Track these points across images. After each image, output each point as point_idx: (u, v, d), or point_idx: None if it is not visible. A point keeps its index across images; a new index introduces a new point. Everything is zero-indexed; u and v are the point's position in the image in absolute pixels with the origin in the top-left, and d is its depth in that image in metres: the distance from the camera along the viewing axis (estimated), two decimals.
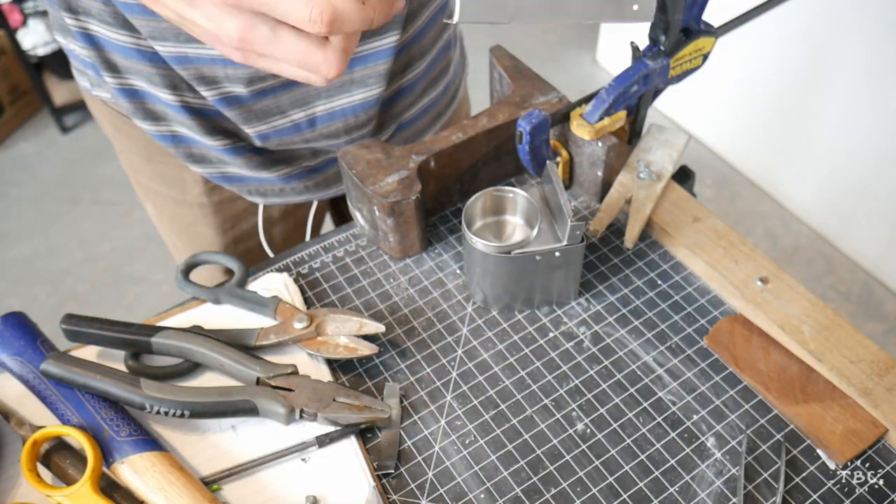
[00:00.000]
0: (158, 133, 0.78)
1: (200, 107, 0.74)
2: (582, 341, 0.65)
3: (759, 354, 0.62)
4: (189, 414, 0.57)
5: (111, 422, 0.56)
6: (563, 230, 0.62)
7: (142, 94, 0.75)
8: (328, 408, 0.58)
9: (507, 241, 0.66)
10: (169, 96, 0.73)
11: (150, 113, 0.76)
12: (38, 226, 2.15)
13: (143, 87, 0.74)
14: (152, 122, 0.77)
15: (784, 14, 0.98)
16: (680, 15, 0.65)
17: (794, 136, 1.94)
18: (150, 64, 0.70)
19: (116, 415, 0.57)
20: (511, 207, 0.67)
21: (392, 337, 0.66)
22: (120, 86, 0.74)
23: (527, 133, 0.67)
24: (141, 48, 0.69)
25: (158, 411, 0.57)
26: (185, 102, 0.73)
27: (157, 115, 0.76)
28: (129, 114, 0.77)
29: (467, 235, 0.63)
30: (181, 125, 0.76)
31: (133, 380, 0.57)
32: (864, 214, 1.85)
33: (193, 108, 0.74)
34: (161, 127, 0.77)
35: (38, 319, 0.64)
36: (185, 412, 0.57)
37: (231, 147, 0.78)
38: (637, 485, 0.57)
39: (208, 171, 0.82)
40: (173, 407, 0.56)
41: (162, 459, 0.55)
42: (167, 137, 0.78)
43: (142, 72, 0.71)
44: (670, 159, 0.73)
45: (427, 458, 0.58)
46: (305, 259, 0.72)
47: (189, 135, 0.77)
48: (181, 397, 0.57)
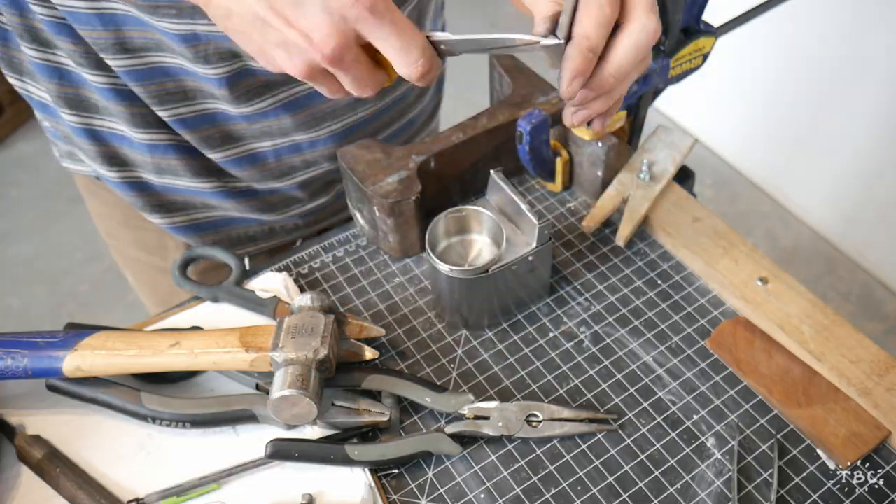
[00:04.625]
0: (122, 181, 0.75)
1: (187, 144, 0.72)
2: (582, 341, 0.65)
3: (762, 357, 0.62)
4: (191, 425, 0.58)
5: (41, 336, 0.59)
6: (530, 234, 0.62)
7: (108, 135, 0.72)
8: (327, 412, 0.58)
9: (476, 259, 0.65)
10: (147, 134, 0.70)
11: (116, 158, 0.73)
12: (38, 226, 2.15)
13: (116, 129, 0.71)
14: (118, 169, 0.74)
15: (784, 14, 0.98)
16: (680, 15, 0.65)
17: (794, 136, 1.93)
18: (128, 103, 0.68)
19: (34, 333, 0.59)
20: (471, 225, 0.66)
21: (392, 337, 0.66)
22: (82, 126, 0.71)
23: (527, 133, 0.67)
24: (116, 87, 0.67)
25: (160, 423, 0.58)
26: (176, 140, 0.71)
27: (123, 159, 0.74)
28: (91, 158, 0.74)
29: (439, 265, 0.61)
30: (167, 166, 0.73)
31: (135, 393, 0.59)
32: (863, 214, 1.85)
33: (183, 146, 0.72)
34: (126, 173, 0.74)
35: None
36: (186, 423, 0.58)
37: (221, 190, 0.76)
38: (637, 485, 0.57)
39: (192, 219, 0.79)
40: (175, 419, 0.58)
41: (104, 334, 0.59)
42: (132, 185, 0.75)
43: (122, 113, 0.69)
44: (673, 161, 0.73)
45: (427, 458, 0.58)
46: (305, 259, 0.72)
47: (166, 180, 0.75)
48: (182, 409, 0.58)
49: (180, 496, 0.56)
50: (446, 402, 0.59)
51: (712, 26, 0.70)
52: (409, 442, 0.57)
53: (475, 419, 0.59)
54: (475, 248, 0.66)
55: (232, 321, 0.66)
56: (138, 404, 0.58)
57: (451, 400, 0.59)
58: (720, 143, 2.17)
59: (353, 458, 0.56)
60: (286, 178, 0.78)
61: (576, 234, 0.73)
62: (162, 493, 0.56)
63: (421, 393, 0.59)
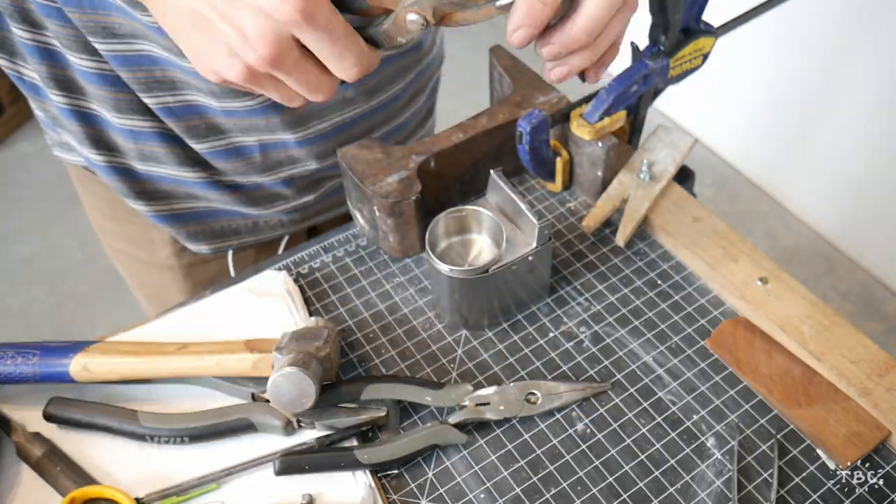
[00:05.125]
0: (108, 165, 0.74)
1: (171, 132, 0.72)
2: (582, 341, 0.65)
3: (762, 357, 0.62)
4: (189, 440, 0.58)
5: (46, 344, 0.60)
6: (530, 234, 0.62)
7: (95, 118, 0.72)
8: (325, 413, 0.58)
9: (476, 259, 0.65)
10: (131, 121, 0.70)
11: (103, 141, 0.73)
12: (38, 226, 2.15)
13: (99, 112, 0.71)
14: (104, 153, 0.73)
15: (784, 14, 0.98)
16: (680, 15, 0.65)
17: (793, 136, 1.94)
18: (114, 88, 0.68)
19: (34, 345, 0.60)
20: (471, 225, 0.66)
21: (392, 337, 0.66)
22: (70, 107, 0.71)
23: (527, 133, 0.67)
24: (103, 72, 0.67)
25: (159, 440, 0.58)
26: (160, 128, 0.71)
27: (109, 143, 0.73)
28: (79, 142, 0.73)
29: (439, 265, 0.61)
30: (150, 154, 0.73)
31: (131, 413, 0.59)
32: (863, 214, 1.85)
33: (167, 134, 0.72)
34: (111, 157, 0.74)
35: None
36: (185, 438, 0.58)
37: (205, 181, 0.76)
38: (637, 485, 0.57)
39: (174, 208, 0.78)
40: (173, 434, 0.58)
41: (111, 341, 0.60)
42: (117, 171, 0.75)
43: (106, 98, 0.69)
44: (673, 161, 0.73)
45: (427, 457, 0.58)
46: (305, 259, 0.72)
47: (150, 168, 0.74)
48: (179, 424, 0.58)
49: (180, 496, 0.56)
50: (446, 397, 0.59)
51: (712, 26, 0.70)
52: (416, 438, 0.57)
53: (477, 407, 0.59)
54: (475, 248, 0.66)
55: (232, 321, 0.66)
56: (136, 424, 0.58)
57: (451, 394, 0.60)
58: (720, 143, 2.17)
59: (363, 462, 0.56)
60: (271, 172, 0.77)
61: (576, 234, 0.73)
62: (161, 493, 0.56)
63: (421, 393, 0.60)
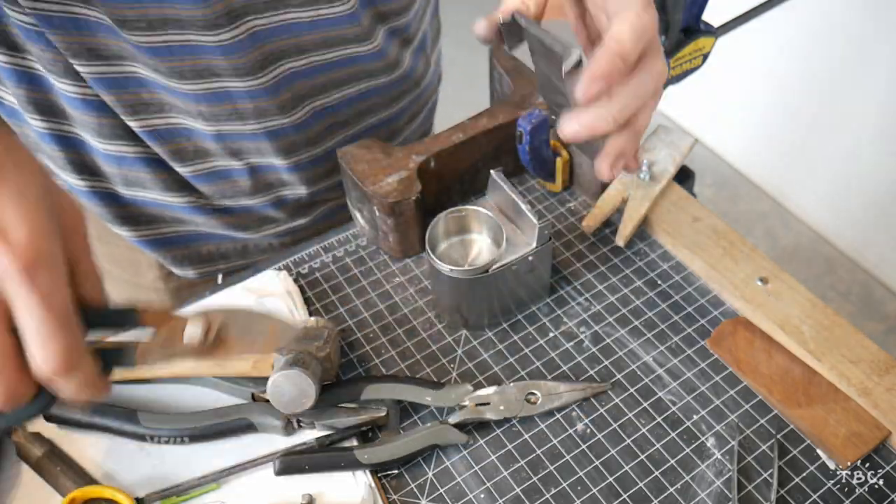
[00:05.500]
0: (90, 190, 0.72)
1: (156, 157, 0.70)
2: (582, 341, 0.65)
3: (762, 357, 0.62)
4: (189, 440, 0.58)
5: None
6: (530, 234, 0.62)
7: (77, 142, 0.70)
8: (325, 413, 0.58)
9: (476, 259, 0.65)
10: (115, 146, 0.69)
11: (85, 166, 0.71)
12: None
13: (82, 136, 0.69)
14: (86, 178, 0.72)
15: (784, 14, 0.98)
16: (680, 15, 0.65)
17: (794, 136, 1.93)
18: (96, 113, 0.66)
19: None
20: (471, 225, 0.66)
21: (392, 337, 0.66)
22: (50, 131, 0.69)
23: (527, 133, 0.67)
24: (86, 97, 0.65)
25: (159, 440, 0.58)
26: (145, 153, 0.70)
27: (92, 168, 0.72)
28: (60, 167, 0.71)
29: (439, 265, 0.61)
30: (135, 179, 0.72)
31: (131, 413, 0.59)
32: (863, 214, 1.85)
33: (152, 158, 0.70)
34: (94, 182, 0.72)
35: None
36: (185, 438, 0.58)
37: (192, 205, 0.74)
38: (637, 485, 0.57)
39: (159, 233, 0.77)
40: (173, 434, 0.58)
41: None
42: (100, 196, 0.73)
43: (90, 123, 0.67)
44: (673, 161, 0.73)
45: (427, 457, 0.58)
46: (305, 259, 0.72)
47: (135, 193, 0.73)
48: (179, 424, 0.58)
49: (180, 496, 0.56)
50: (446, 397, 0.59)
51: (712, 26, 0.70)
52: (416, 437, 0.57)
53: (477, 407, 0.59)
54: (475, 248, 0.66)
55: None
56: (136, 424, 0.58)
57: (451, 394, 0.60)
58: (720, 143, 2.17)
59: (364, 462, 0.56)
60: (260, 196, 0.76)
61: (576, 234, 0.73)
62: (161, 493, 0.56)
63: (421, 393, 0.60)
